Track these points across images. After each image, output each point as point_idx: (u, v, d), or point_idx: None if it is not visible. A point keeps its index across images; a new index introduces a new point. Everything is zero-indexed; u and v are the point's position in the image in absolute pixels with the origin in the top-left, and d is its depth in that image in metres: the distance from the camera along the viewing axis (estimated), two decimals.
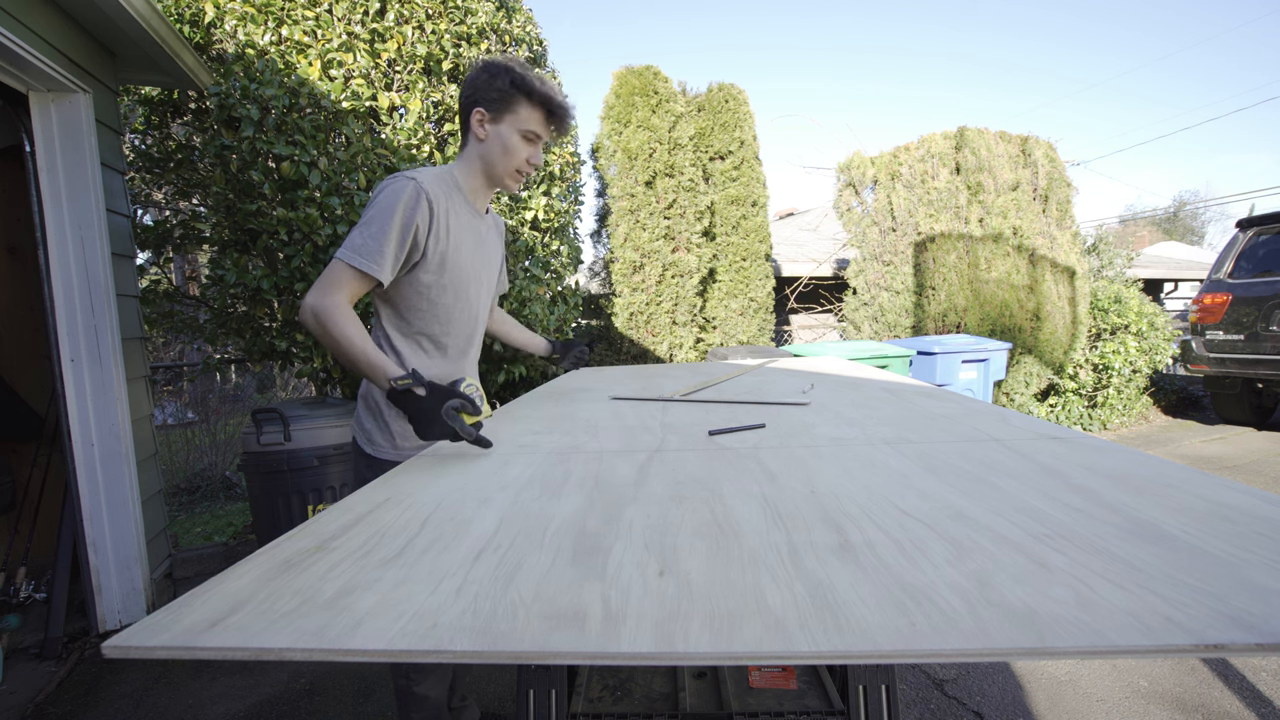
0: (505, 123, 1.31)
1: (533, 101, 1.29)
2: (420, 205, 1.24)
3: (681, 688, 1.29)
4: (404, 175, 1.26)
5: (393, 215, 1.22)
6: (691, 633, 0.50)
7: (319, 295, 1.20)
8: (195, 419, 5.70)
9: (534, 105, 1.30)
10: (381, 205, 1.23)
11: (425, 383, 1.13)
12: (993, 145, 5.79)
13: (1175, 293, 12.96)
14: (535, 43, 3.75)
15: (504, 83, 1.28)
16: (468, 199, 1.39)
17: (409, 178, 1.25)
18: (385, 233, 1.22)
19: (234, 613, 0.55)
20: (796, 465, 0.98)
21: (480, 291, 1.47)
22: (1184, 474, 0.85)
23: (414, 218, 1.24)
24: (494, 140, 1.32)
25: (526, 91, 1.28)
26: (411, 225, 1.24)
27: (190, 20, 2.97)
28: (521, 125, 1.30)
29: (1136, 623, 0.48)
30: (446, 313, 1.38)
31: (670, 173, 5.14)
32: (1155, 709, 1.94)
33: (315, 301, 1.20)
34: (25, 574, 2.75)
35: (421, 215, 1.25)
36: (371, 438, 1.38)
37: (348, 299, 1.22)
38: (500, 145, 1.32)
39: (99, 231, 2.48)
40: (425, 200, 1.25)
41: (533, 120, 1.31)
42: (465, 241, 1.36)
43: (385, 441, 1.37)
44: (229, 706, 2.08)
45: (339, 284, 1.21)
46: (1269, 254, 5.41)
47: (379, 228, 1.22)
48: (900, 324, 5.89)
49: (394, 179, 1.26)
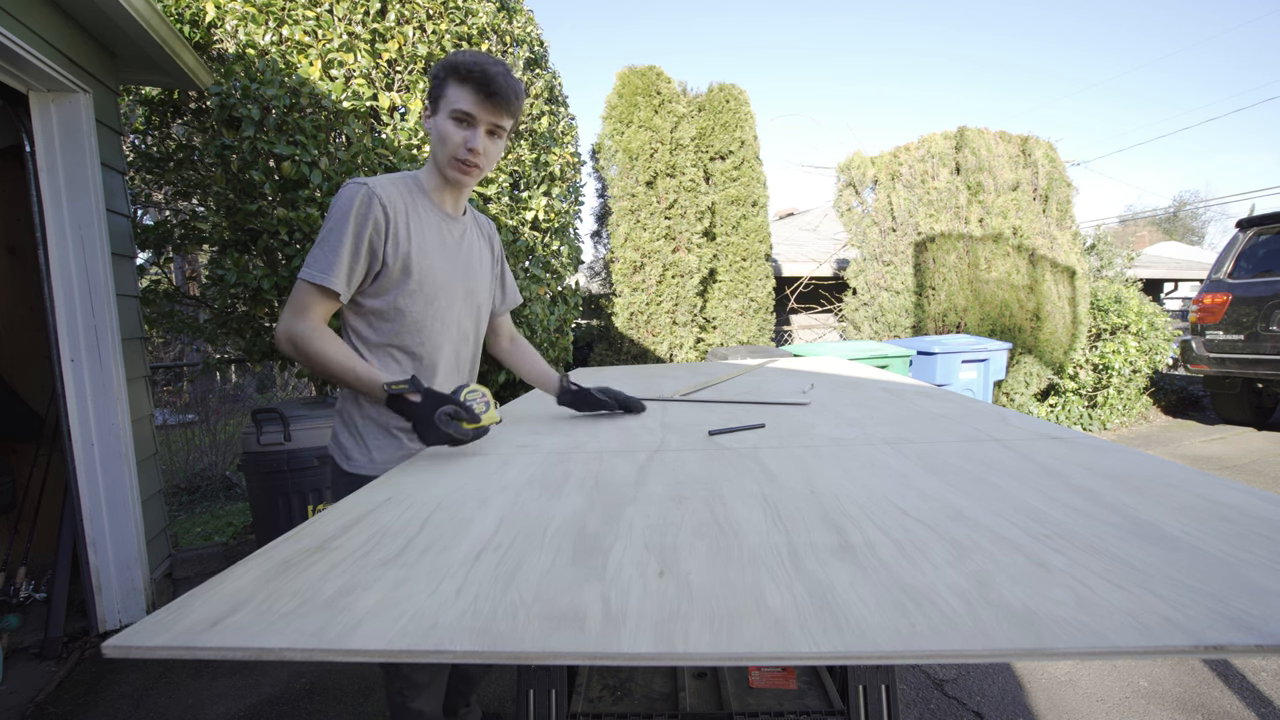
0: (441, 111, 1.24)
1: (458, 77, 1.21)
2: (372, 208, 1.20)
3: (681, 688, 1.29)
4: (355, 181, 1.22)
5: (345, 225, 1.18)
6: (691, 633, 0.50)
7: (289, 320, 1.18)
8: (195, 419, 5.70)
9: (459, 82, 1.21)
10: (334, 216, 1.19)
11: (422, 389, 1.11)
12: (993, 145, 5.79)
13: (1175, 293, 12.96)
14: (536, 43, 3.75)
15: (440, 71, 1.23)
16: (433, 200, 1.33)
17: (359, 183, 1.21)
18: (340, 244, 1.18)
19: (234, 613, 0.55)
20: (796, 465, 0.98)
21: (457, 298, 1.37)
22: (1184, 474, 0.85)
23: (366, 224, 1.19)
24: (434, 132, 1.26)
25: (452, 69, 1.21)
26: (365, 231, 1.19)
27: (190, 20, 2.97)
28: (451, 105, 1.22)
29: (1136, 623, 0.48)
30: (417, 323, 1.30)
31: (671, 173, 5.14)
32: (1155, 709, 1.94)
33: (287, 327, 1.18)
34: (25, 574, 2.75)
35: (375, 219, 1.20)
36: (349, 454, 1.33)
37: (320, 318, 1.19)
38: (437, 135, 1.25)
39: (99, 231, 2.48)
40: (377, 203, 1.20)
41: (461, 99, 1.21)
42: (431, 243, 1.30)
43: (362, 457, 1.32)
44: (229, 706, 2.08)
45: (306, 305, 1.18)
46: (1269, 254, 5.41)
47: (334, 240, 1.18)
48: (900, 324, 5.89)
49: (345, 186, 1.22)
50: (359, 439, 1.33)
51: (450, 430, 1.06)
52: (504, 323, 1.66)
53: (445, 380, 1.38)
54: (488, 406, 1.19)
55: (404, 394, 1.11)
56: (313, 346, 1.16)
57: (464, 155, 1.24)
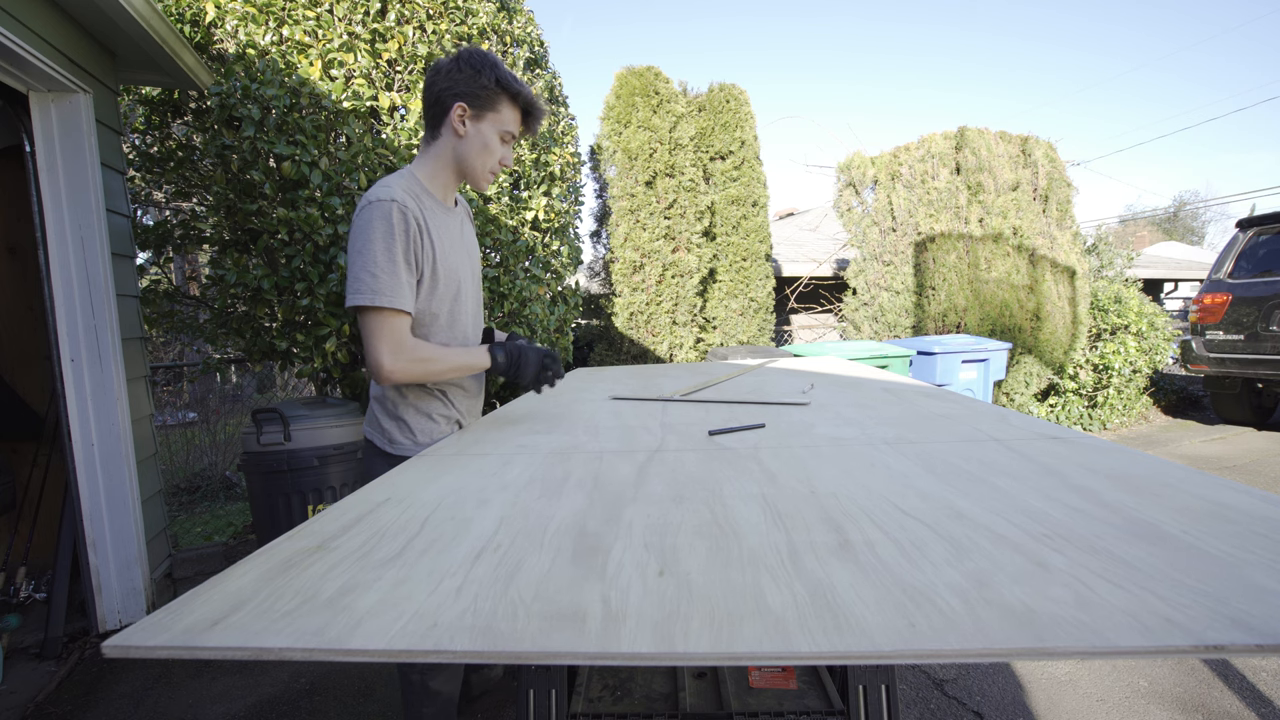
0: (487, 121, 1.29)
1: (516, 103, 1.29)
2: (411, 222, 1.23)
3: (681, 688, 1.29)
4: (379, 200, 1.22)
5: (393, 243, 1.20)
6: (691, 633, 0.50)
7: (393, 356, 1.21)
8: (195, 419, 5.70)
9: (515, 106, 1.30)
10: (374, 234, 1.20)
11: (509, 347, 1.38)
12: (993, 145, 5.79)
13: (1175, 293, 12.96)
14: (536, 43, 3.75)
15: (489, 80, 1.26)
16: (435, 197, 1.35)
17: (387, 200, 1.22)
18: (396, 263, 1.21)
19: (234, 612, 0.55)
20: (796, 465, 0.98)
21: (472, 286, 1.47)
22: (1183, 474, 0.85)
23: (408, 239, 1.23)
24: (474, 138, 1.30)
25: (512, 93, 1.28)
26: (411, 246, 1.24)
27: (190, 20, 2.97)
28: (503, 125, 1.30)
29: (1136, 623, 0.48)
30: (448, 321, 1.38)
31: (670, 173, 5.14)
32: (1155, 709, 1.94)
33: (394, 363, 1.22)
34: (25, 574, 2.75)
35: (413, 231, 1.24)
36: (391, 438, 1.40)
37: (406, 334, 1.25)
38: (480, 143, 1.30)
39: (99, 231, 2.48)
40: (406, 215, 1.23)
41: (512, 121, 1.31)
42: (447, 241, 1.35)
43: (406, 439, 1.39)
44: (229, 706, 2.08)
45: (390, 329, 1.21)
46: (1269, 254, 5.41)
47: (386, 260, 1.20)
48: (900, 324, 5.89)
49: (371, 205, 1.22)
50: (402, 424, 1.40)
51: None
52: None
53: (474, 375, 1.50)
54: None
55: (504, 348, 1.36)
56: (422, 360, 1.26)
57: (498, 170, 1.36)
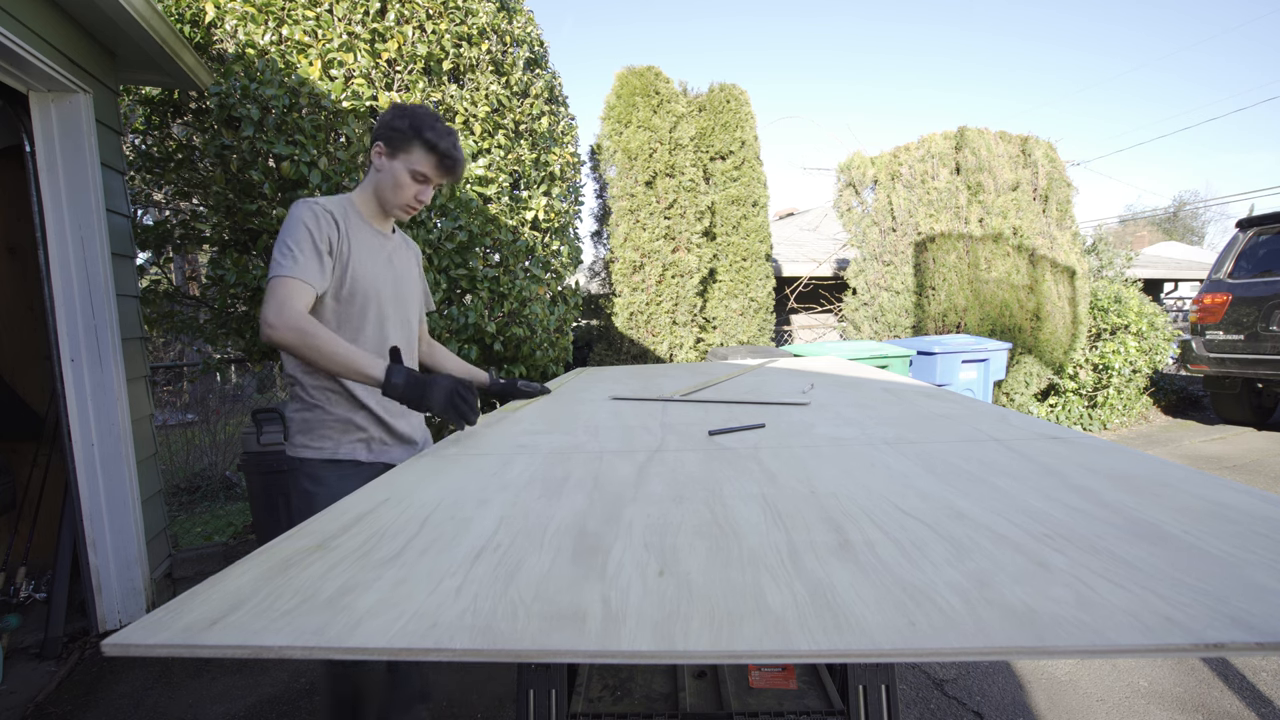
0: (399, 160, 1.39)
1: (424, 146, 1.38)
2: (325, 218, 1.33)
3: (681, 687, 1.29)
4: (303, 200, 1.35)
5: (307, 231, 1.30)
6: (691, 632, 0.50)
7: (278, 313, 1.22)
8: (195, 419, 5.70)
9: (428, 151, 1.39)
10: (294, 224, 1.30)
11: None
12: (993, 145, 5.79)
13: (1175, 293, 12.96)
14: (536, 43, 3.75)
15: (404, 124, 1.37)
16: (365, 219, 1.45)
17: (311, 201, 1.35)
18: (307, 246, 1.29)
19: (234, 611, 0.55)
20: (796, 465, 0.98)
21: (390, 307, 1.48)
22: (1184, 474, 0.85)
23: (323, 230, 1.32)
24: (387, 174, 1.41)
25: (420, 137, 1.38)
26: (324, 237, 1.32)
27: (190, 20, 2.97)
28: (412, 165, 1.39)
29: (1136, 622, 0.48)
30: (354, 331, 1.39)
31: (671, 173, 5.14)
32: (1155, 709, 1.93)
33: (290, 317, 1.22)
34: (25, 574, 2.75)
35: (328, 227, 1.33)
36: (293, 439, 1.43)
37: (300, 302, 1.26)
38: (391, 179, 1.41)
39: (99, 231, 2.47)
40: (328, 214, 1.34)
41: (423, 163, 1.40)
42: (367, 255, 1.42)
43: (310, 440, 1.41)
44: (229, 706, 2.08)
45: (286, 292, 1.24)
46: (1269, 254, 5.41)
47: (304, 244, 1.29)
48: (900, 324, 5.89)
49: (296, 205, 1.35)
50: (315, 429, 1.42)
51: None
52: (422, 327, 1.78)
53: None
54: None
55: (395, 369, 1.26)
56: (321, 334, 1.22)
57: (415, 206, 1.44)
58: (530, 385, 1.81)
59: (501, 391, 1.76)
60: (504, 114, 3.35)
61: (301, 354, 1.22)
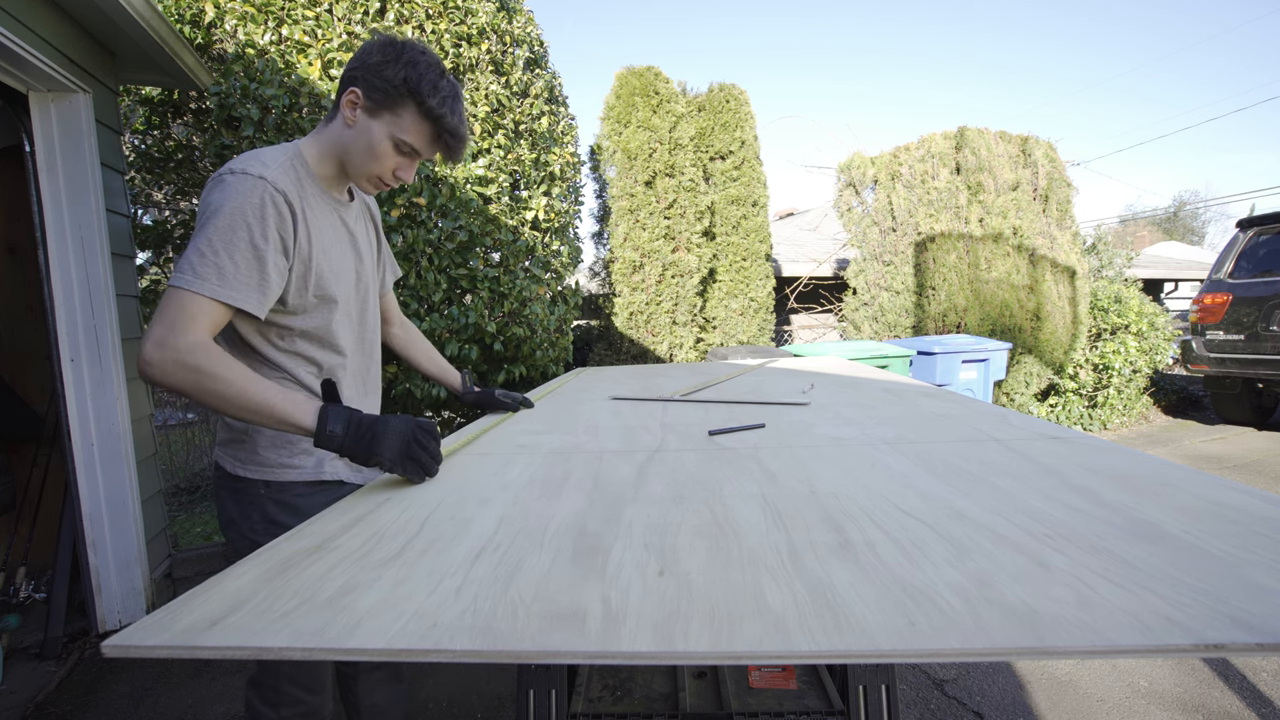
0: (382, 120, 1.06)
1: (420, 111, 1.05)
2: (274, 207, 1.00)
3: (681, 688, 1.29)
4: (244, 173, 0.99)
5: (245, 229, 0.97)
6: (691, 632, 0.50)
7: (163, 342, 0.88)
8: (195, 419, 5.69)
9: (421, 117, 1.06)
10: (227, 214, 0.96)
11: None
12: (993, 145, 5.79)
13: (1175, 293, 12.96)
14: (536, 43, 3.75)
15: (396, 75, 1.03)
16: (322, 186, 1.13)
17: (255, 176, 0.99)
18: (242, 248, 0.96)
19: (234, 612, 0.55)
20: (796, 465, 0.98)
21: (354, 293, 1.22)
22: (1184, 474, 0.85)
23: (270, 227, 0.99)
24: (361, 134, 1.07)
25: (417, 97, 1.04)
26: (273, 237, 1.00)
27: (190, 20, 2.97)
28: (399, 132, 1.06)
29: (1136, 622, 0.48)
30: (321, 332, 1.14)
31: (670, 173, 5.14)
32: (1155, 709, 1.93)
33: (163, 351, 0.88)
34: (25, 574, 2.75)
35: (278, 220, 1.00)
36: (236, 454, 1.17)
37: (210, 335, 0.94)
38: (366, 142, 1.07)
39: (99, 231, 2.47)
40: (280, 197, 1.01)
41: (415, 132, 1.07)
42: (328, 238, 1.12)
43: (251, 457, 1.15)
44: (229, 706, 2.08)
45: (189, 318, 0.91)
46: (1269, 254, 5.41)
47: (235, 243, 0.96)
48: (900, 324, 5.89)
49: (233, 179, 0.98)
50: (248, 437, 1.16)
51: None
52: (390, 304, 1.45)
53: (352, 389, 1.23)
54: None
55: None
56: (224, 374, 0.90)
57: (389, 183, 1.13)
58: (510, 396, 1.58)
59: (477, 401, 1.55)
60: (504, 114, 3.35)
61: (196, 398, 0.89)
